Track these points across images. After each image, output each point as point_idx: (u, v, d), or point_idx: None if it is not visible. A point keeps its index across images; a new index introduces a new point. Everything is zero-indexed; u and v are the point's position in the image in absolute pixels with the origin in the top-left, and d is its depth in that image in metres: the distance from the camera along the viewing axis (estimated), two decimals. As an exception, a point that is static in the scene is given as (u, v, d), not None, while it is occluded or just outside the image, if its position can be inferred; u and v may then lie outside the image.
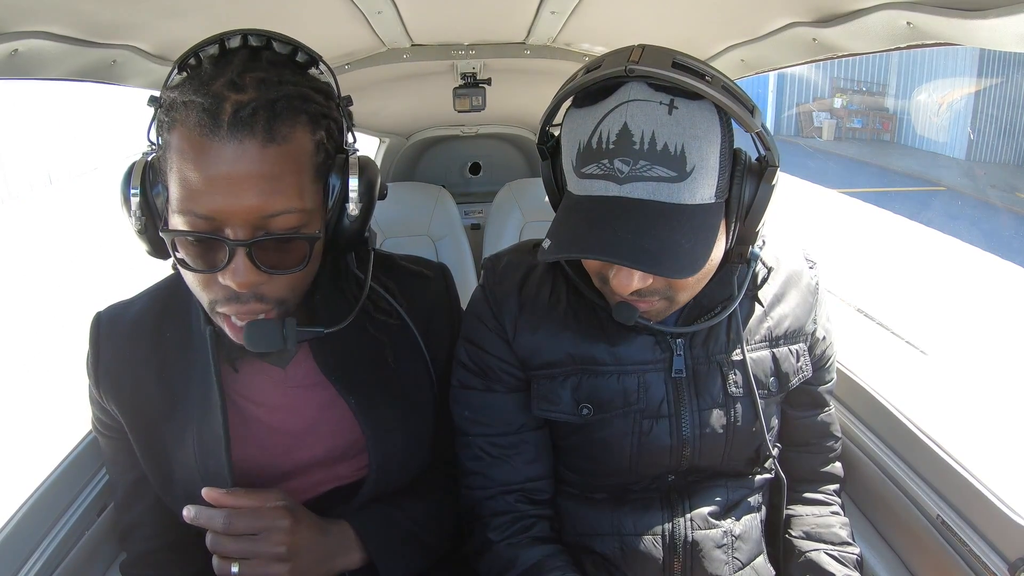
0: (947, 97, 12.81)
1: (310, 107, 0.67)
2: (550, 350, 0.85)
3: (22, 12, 0.73)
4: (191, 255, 0.66)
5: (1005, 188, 10.30)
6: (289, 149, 0.65)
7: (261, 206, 0.63)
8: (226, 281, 0.65)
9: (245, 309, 0.68)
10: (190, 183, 0.62)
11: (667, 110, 0.66)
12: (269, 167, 0.63)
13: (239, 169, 0.62)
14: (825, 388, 0.97)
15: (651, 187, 0.66)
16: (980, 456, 0.92)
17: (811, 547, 0.92)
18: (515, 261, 0.92)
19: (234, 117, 0.61)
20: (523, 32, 1.39)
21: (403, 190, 2.48)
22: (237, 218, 0.63)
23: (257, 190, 0.63)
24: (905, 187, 10.36)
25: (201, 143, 0.62)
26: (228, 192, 0.62)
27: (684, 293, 0.76)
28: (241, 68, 0.65)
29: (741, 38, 1.17)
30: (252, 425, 0.81)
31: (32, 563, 0.84)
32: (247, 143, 0.62)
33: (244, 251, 0.64)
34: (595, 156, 0.68)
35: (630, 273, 0.71)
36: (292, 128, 0.65)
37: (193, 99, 0.62)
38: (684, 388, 0.84)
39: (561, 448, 0.91)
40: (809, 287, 0.91)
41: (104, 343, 0.82)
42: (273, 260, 0.66)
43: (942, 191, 10.33)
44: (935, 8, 0.71)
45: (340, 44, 1.38)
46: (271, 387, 0.82)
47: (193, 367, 0.78)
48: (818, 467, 0.99)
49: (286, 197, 0.65)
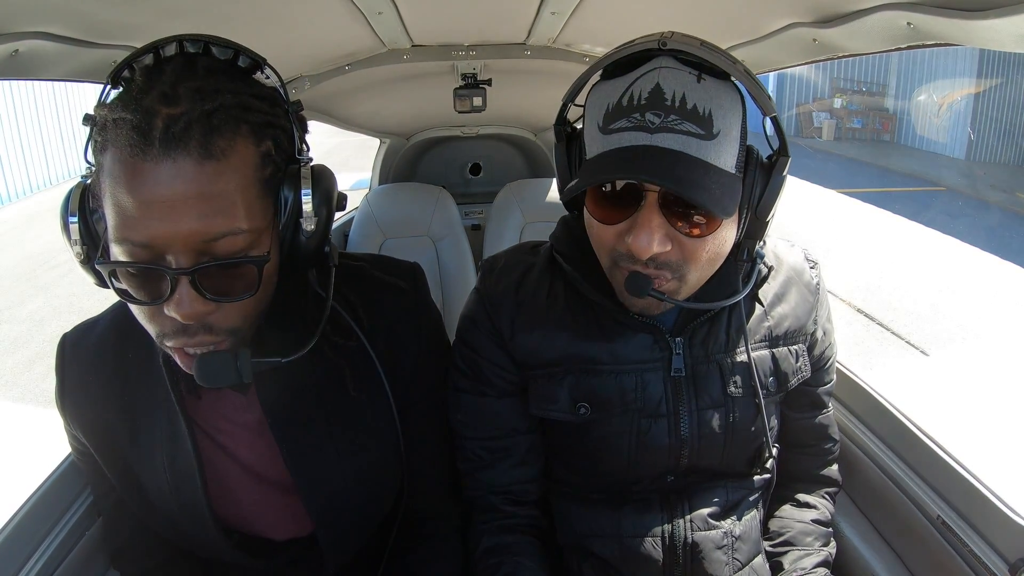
0: (947, 97, 12.81)
1: (252, 116, 0.61)
2: (547, 349, 0.85)
3: (22, 12, 0.73)
4: (133, 286, 0.61)
5: (1005, 188, 10.30)
6: (229, 164, 0.59)
7: (202, 230, 0.58)
8: (171, 312, 0.60)
9: (194, 342, 0.63)
10: (124, 209, 0.57)
11: (696, 78, 0.69)
12: (208, 186, 0.58)
13: (175, 190, 0.56)
14: (824, 389, 0.97)
15: (681, 139, 0.68)
16: (980, 456, 0.92)
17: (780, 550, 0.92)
18: (513, 262, 0.92)
19: (165, 133, 0.56)
20: (523, 33, 1.39)
21: (403, 191, 2.48)
22: (177, 244, 0.58)
23: (196, 212, 0.57)
24: (905, 187, 10.36)
25: (133, 164, 0.56)
26: (165, 217, 0.57)
27: (695, 272, 0.75)
28: (174, 79, 0.59)
29: (741, 38, 1.17)
30: (218, 452, 0.79)
31: (30, 567, 0.84)
32: (181, 161, 0.56)
33: (187, 280, 0.59)
34: (625, 112, 0.70)
35: (650, 234, 0.70)
36: (232, 141, 0.59)
37: (123, 116, 0.57)
38: (683, 387, 0.84)
39: (559, 447, 0.91)
40: (810, 287, 0.91)
41: (68, 369, 0.79)
42: (220, 287, 0.61)
43: (942, 191, 10.33)
44: (935, 8, 0.71)
45: (340, 45, 1.38)
46: (234, 412, 0.79)
47: (156, 390, 0.75)
48: (815, 469, 0.99)
49: (229, 217, 0.59)
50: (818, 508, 0.96)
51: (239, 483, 0.80)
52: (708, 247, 0.73)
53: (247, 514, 0.81)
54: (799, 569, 0.89)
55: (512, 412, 0.88)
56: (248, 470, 0.80)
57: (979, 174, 11.21)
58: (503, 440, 0.89)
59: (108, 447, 0.78)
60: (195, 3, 0.92)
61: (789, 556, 0.91)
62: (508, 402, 0.88)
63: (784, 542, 0.93)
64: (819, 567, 0.89)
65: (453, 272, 2.31)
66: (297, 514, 0.82)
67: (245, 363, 0.65)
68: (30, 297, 6.01)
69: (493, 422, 0.88)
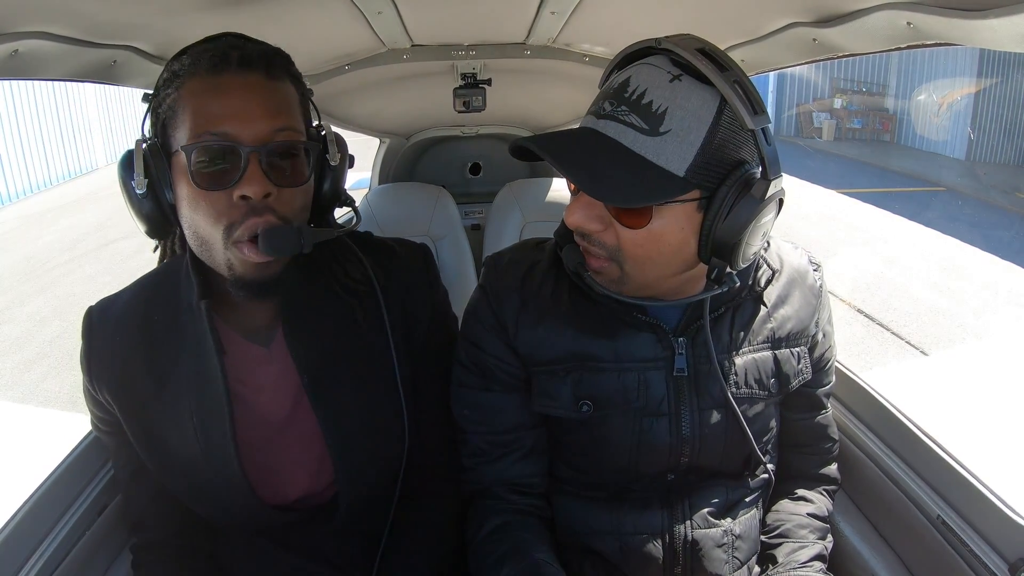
0: (947, 97, 12.80)
1: (292, 70, 0.79)
2: (551, 346, 0.85)
3: (22, 12, 0.73)
4: (207, 178, 0.72)
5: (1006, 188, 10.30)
6: (285, 87, 0.77)
7: (268, 123, 0.73)
8: (242, 191, 0.71)
9: (262, 220, 0.73)
10: (206, 109, 0.71)
11: (670, 78, 0.70)
12: (271, 94, 0.74)
13: (248, 96, 0.72)
14: (823, 391, 0.97)
15: (621, 129, 0.70)
16: (980, 455, 0.92)
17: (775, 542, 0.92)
18: (518, 258, 0.92)
19: (241, 59, 0.73)
20: (523, 32, 1.39)
21: (403, 190, 2.48)
22: (248, 133, 0.72)
23: (263, 110, 0.73)
24: (905, 187, 10.36)
25: (215, 79, 0.72)
26: (240, 112, 0.72)
27: (632, 265, 0.75)
28: (235, 40, 0.76)
29: (741, 38, 1.17)
30: (241, 406, 0.82)
31: (34, 561, 0.84)
32: (253, 76, 0.73)
33: (256, 159, 0.71)
34: (599, 99, 0.74)
35: (578, 208, 0.74)
36: (284, 75, 0.77)
37: (202, 55, 0.73)
38: (685, 387, 0.84)
39: (561, 444, 0.91)
40: (813, 289, 0.91)
41: (95, 334, 0.85)
42: (279, 175, 0.74)
43: (942, 191, 10.33)
44: (935, 8, 0.71)
45: (340, 44, 1.38)
46: (257, 366, 0.84)
47: (183, 343, 0.81)
48: (814, 468, 0.99)
49: (288, 117, 0.76)
50: (815, 502, 0.96)
51: (259, 435, 0.83)
52: (640, 242, 0.72)
53: (264, 468, 0.84)
54: (793, 562, 0.88)
55: (517, 407, 0.89)
56: (268, 423, 0.84)
57: (979, 174, 11.20)
58: (508, 435, 0.89)
59: (132, 403, 0.83)
60: (195, 3, 0.92)
61: (783, 548, 0.91)
62: (513, 397, 0.89)
63: (779, 535, 0.93)
64: (814, 560, 0.89)
65: (453, 272, 2.31)
66: (312, 470, 0.86)
67: (306, 233, 0.75)
68: (30, 297, 6.01)
69: (498, 417, 0.89)
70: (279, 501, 0.85)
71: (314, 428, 0.84)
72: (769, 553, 0.92)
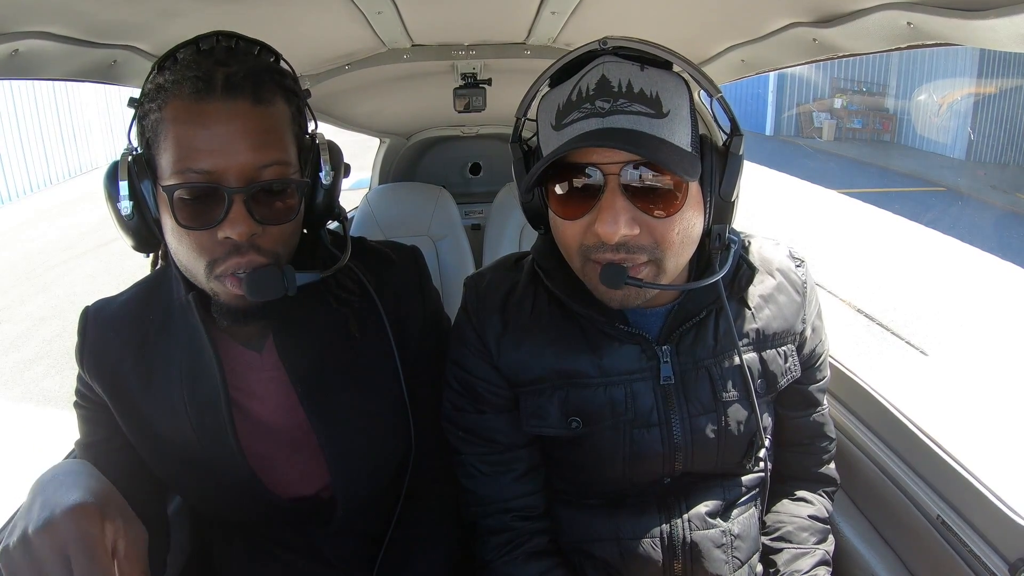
0: (947, 97, 12.80)
1: (285, 82, 0.75)
2: (535, 366, 0.85)
3: (22, 12, 0.73)
4: (190, 215, 0.69)
5: (1006, 189, 10.30)
6: (275, 109, 0.72)
7: (254, 158, 0.69)
8: (225, 233, 0.69)
9: (245, 260, 0.71)
10: (188, 142, 0.68)
11: (639, 67, 0.72)
12: (259, 123, 0.70)
13: (233, 127, 0.68)
14: (816, 387, 0.96)
15: (632, 119, 0.70)
16: (980, 455, 0.92)
17: (776, 547, 0.92)
18: (497, 279, 0.92)
19: (226, 82, 0.68)
20: (523, 32, 1.39)
21: (403, 190, 2.48)
22: (232, 171, 0.68)
23: (250, 143, 0.69)
24: (905, 187, 10.36)
25: (197, 106, 0.68)
26: (224, 147, 0.68)
27: (671, 257, 0.74)
28: (224, 53, 0.72)
29: (741, 38, 1.17)
30: (234, 406, 0.82)
31: None
32: (239, 103, 0.69)
33: (241, 200, 0.68)
34: (575, 105, 0.72)
35: (616, 215, 0.70)
36: (274, 94, 0.72)
37: (185, 74, 0.69)
38: (673, 395, 0.84)
39: (554, 460, 0.91)
40: (796, 286, 0.91)
41: (90, 329, 0.86)
42: (266, 212, 0.71)
43: (942, 192, 10.33)
44: (935, 8, 0.71)
45: (340, 44, 1.38)
46: (248, 371, 0.84)
47: (176, 338, 0.82)
48: (812, 467, 0.99)
49: (276, 149, 0.71)
50: (815, 504, 0.96)
51: (252, 440, 0.82)
52: (677, 228, 0.73)
53: (261, 459, 0.83)
54: (796, 571, 0.88)
55: (510, 427, 0.89)
56: (260, 426, 0.84)
57: (980, 174, 11.20)
58: (504, 454, 0.89)
59: (123, 394, 0.83)
60: (195, 3, 0.92)
61: (785, 554, 0.90)
62: (506, 417, 0.89)
63: (779, 537, 0.92)
64: (818, 567, 0.89)
65: (453, 272, 2.31)
66: (305, 472, 0.85)
67: (291, 277, 0.73)
68: (30, 297, 6.01)
69: (494, 437, 0.89)
70: (276, 494, 0.85)
71: (308, 433, 0.83)
72: (770, 559, 0.92)
